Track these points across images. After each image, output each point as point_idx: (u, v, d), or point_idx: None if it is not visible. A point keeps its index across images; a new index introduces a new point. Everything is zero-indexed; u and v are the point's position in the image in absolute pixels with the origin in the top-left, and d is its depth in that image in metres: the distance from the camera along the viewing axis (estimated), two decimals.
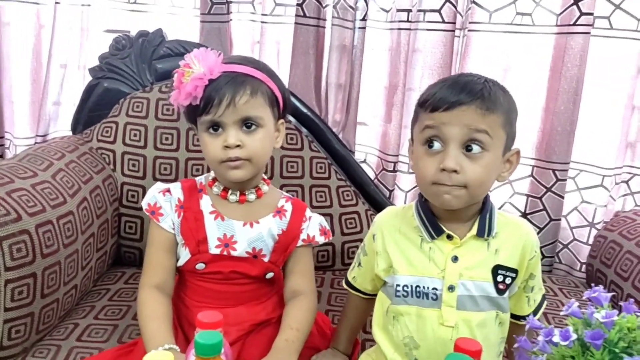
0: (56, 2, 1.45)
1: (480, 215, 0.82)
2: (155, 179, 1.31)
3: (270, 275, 0.93)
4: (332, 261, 1.39)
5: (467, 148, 0.76)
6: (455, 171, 0.75)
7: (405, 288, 0.81)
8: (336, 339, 0.98)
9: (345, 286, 0.97)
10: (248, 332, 0.92)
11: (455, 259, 0.80)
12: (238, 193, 0.92)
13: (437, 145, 0.77)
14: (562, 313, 0.65)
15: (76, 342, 1.00)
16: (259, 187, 0.94)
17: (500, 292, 0.80)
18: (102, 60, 1.37)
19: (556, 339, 0.60)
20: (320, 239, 0.96)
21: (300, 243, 0.95)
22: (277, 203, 0.95)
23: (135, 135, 1.32)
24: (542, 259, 1.46)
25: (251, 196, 0.93)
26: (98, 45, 1.47)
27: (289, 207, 0.96)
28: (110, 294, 1.18)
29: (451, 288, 0.79)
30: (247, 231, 0.91)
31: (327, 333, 1.02)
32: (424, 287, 0.80)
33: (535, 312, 0.86)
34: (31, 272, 0.94)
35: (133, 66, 1.37)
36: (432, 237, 0.81)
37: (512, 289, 0.82)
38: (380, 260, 0.85)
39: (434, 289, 0.80)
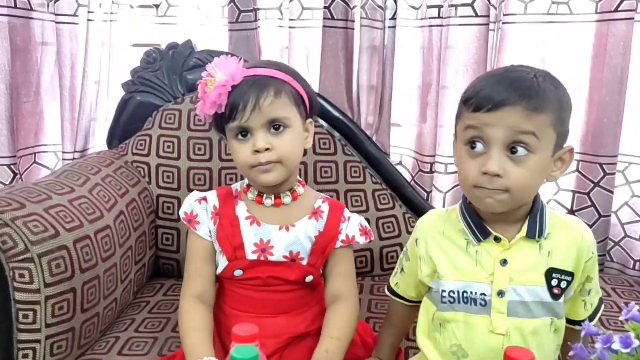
0: (89, 20, 1.48)
1: (530, 215, 0.77)
2: (190, 190, 1.31)
3: (309, 278, 0.91)
4: (371, 267, 1.36)
5: (512, 150, 0.71)
6: (497, 175, 0.71)
7: (451, 294, 0.77)
8: (379, 347, 0.95)
9: (387, 293, 0.94)
10: (286, 344, 0.90)
11: (504, 262, 0.76)
12: (273, 197, 0.91)
13: (479, 146, 0.73)
14: (621, 317, 0.60)
15: (117, 355, 1.00)
16: (294, 189, 0.92)
17: (555, 297, 0.75)
18: (134, 74, 1.38)
19: (616, 345, 0.56)
20: (361, 239, 0.93)
21: (339, 244, 0.92)
22: (313, 204, 0.93)
23: (168, 147, 1.33)
24: None
25: (286, 199, 0.91)
26: (127, 60, 1.48)
27: (325, 207, 0.93)
28: (150, 307, 1.18)
29: (501, 293, 0.75)
30: (283, 235, 0.90)
31: (368, 342, 0.99)
32: (471, 293, 0.76)
33: (592, 317, 0.81)
34: (70, 287, 0.95)
35: (164, 78, 1.38)
36: (479, 240, 0.77)
37: (568, 293, 0.77)
38: (424, 266, 0.81)
39: (482, 294, 0.76)
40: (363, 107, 1.50)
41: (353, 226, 0.93)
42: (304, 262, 0.90)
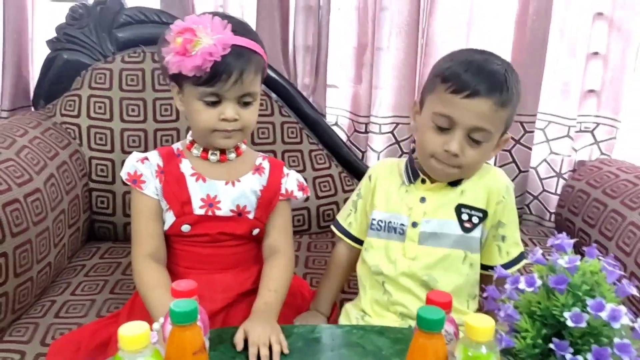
0: None
1: None
2: (124, 152, 1.29)
3: (256, 231, 0.94)
4: (308, 225, 1.40)
5: (471, 136, 0.83)
6: (456, 155, 0.83)
7: (380, 222, 0.92)
8: (317, 300, 1.00)
9: (334, 230, 1.01)
10: (234, 301, 0.92)
11: (423, 199, 0.90)
12: (218, 153, 0.92)
13: (445, 124, 0.83)
14: (525, 261, 0.67)
15: (54, 318, 1.00)
16: (238, 146, 0.94)
17: (466, 230, 0.88)
18: (60, 31, 1.32)
19: (522, 285, 0.62)
20: (299, 194, 0.97)
21: (279, 198, 0.95)
22: (255, 161, 0.96)
23: (100, 108, 1.29)
24: None
25: (231, 155, 0.93)
26: (51, 16, 1.41)
27: (266, 164, 0.97)
28: (86, 270, 1.17)
29: (415, 224, 0.89)
30: (229, 190, 0.92)
31: (305, 296, 1.04)
32: (394, 223, 0.91)
33: (508, 266, 0.88)
34: (1, 251, 0.93)
35: (93, 36, 1.33)
36: (410, 181, 0.91)
37: (483, 231, 0.88)
38: (370, 197, 0.95)
39: (401, 224, 0.90)
40: (299, 68, 1.51)
41: (292, 181, 0.97)
42: (251, 216, 0.93)
